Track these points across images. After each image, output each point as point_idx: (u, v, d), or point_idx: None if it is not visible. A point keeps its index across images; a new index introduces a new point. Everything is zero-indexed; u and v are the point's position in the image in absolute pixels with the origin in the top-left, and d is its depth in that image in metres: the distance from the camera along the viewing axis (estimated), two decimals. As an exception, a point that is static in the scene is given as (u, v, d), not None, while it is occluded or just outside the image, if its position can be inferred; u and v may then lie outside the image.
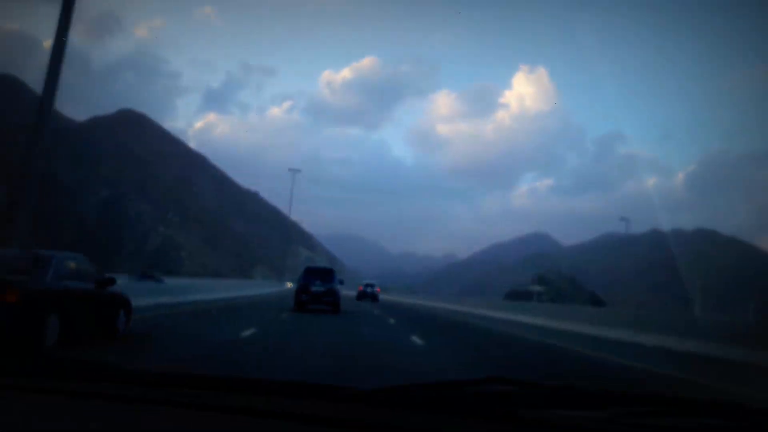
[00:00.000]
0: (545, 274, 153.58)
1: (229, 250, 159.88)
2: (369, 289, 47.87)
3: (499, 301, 54.61)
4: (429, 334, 16.40)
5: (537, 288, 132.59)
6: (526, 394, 1.50)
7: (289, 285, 63.17)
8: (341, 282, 25.23)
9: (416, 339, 14.13)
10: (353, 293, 49.06)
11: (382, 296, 52.48)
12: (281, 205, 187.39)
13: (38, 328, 8.11)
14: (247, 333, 12.75)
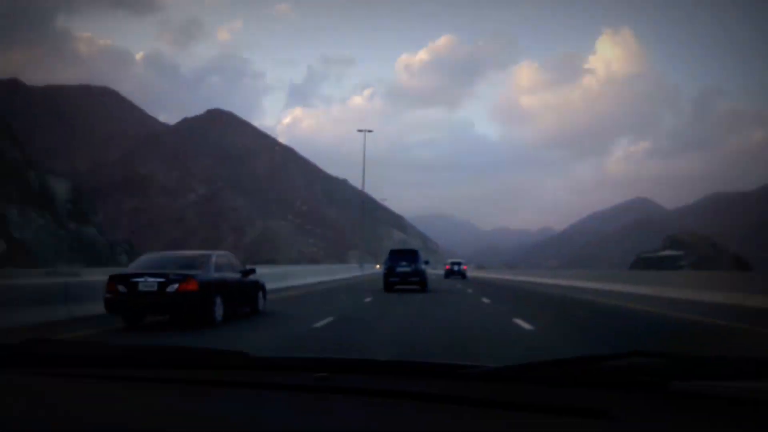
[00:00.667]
0: (678, 236, 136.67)
1: (324, 236, 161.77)
2: (456, 267, 49.35)
3: (620, 272, 48.95)
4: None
5: (670, 253, 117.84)
6: (676, 365, 1.38)
7: (378, 267, 64.27)
8: (426, 262, 25.54)
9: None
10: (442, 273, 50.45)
11: (477, 274, 53.81)
12: (371, 191, 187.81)
13: (210, 308, 10.77)
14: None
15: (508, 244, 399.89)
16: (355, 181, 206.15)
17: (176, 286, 10.35)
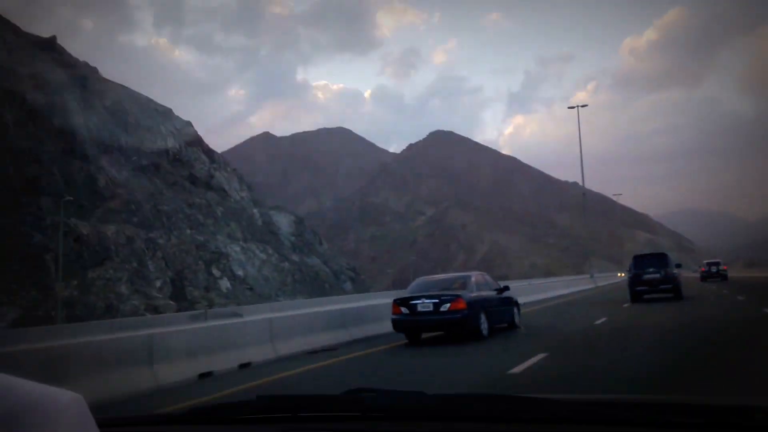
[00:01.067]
0: None
1: (557, 246, 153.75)
2: (714, 268, 44.62)
3: None
4: None
5: None
6: None
7: (621, 275, 58.75)
8: (678, 266, 23.18)
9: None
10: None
11: (744, 274, 47.65)
12: (605, 191, 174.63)
13: (477, 323, 11.92)
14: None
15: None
16: (588, 183, 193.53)
17: (448, 305, 11.80)
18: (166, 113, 46.31)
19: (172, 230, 33.29)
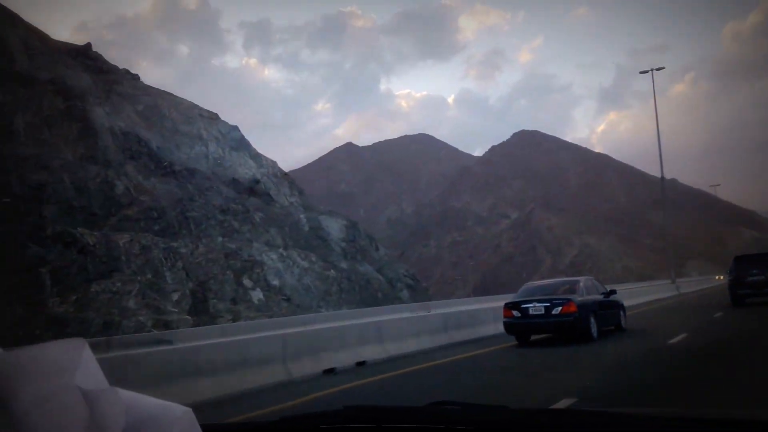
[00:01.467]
0: None
1: (652, 247, 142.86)
2: None
3: None
4: None
5: None
6: None
7: (720, 278, 55.49)
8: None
9: None
10: None
11: None
12: (703, 186, 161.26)
13: (587, 326, 13.00)
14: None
15: None
16: (687, 178, 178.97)
17: (560, 308, 12.44)
18: (212, 118, 44.60)
19: (201, 238, 30.95)
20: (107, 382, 0.76)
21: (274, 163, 46.11)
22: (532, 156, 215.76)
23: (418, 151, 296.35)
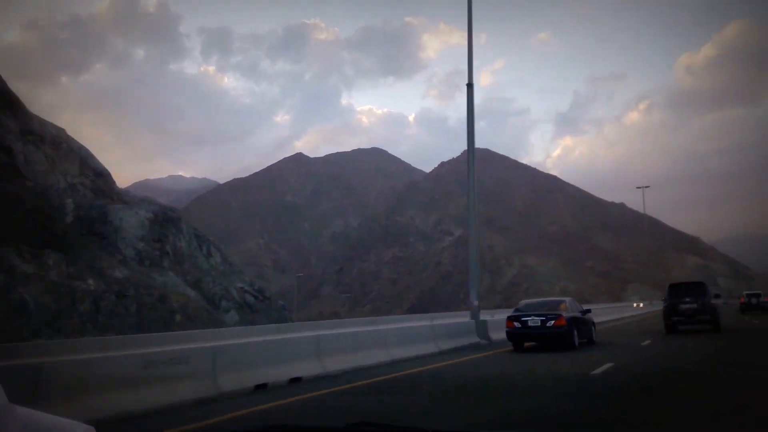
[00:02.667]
0: None
1: (594, 270, 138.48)
2: (753, 300, 42.26)
3: None
4: None
5: None
6: None
7: (638, 305, 54.66)
8: (717, 296, 23.14)
9: None
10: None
11: None
12: (657, 214, 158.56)
13: (572, 337, 16.14)
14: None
15: None
16: (635, 204, 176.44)
17: (553, 322, 15.91)
18: None
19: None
20: (5, 398, 0.70)
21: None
22: (481, 174, 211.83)
23: (370, 165, 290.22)
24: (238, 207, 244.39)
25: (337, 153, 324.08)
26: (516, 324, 15.86)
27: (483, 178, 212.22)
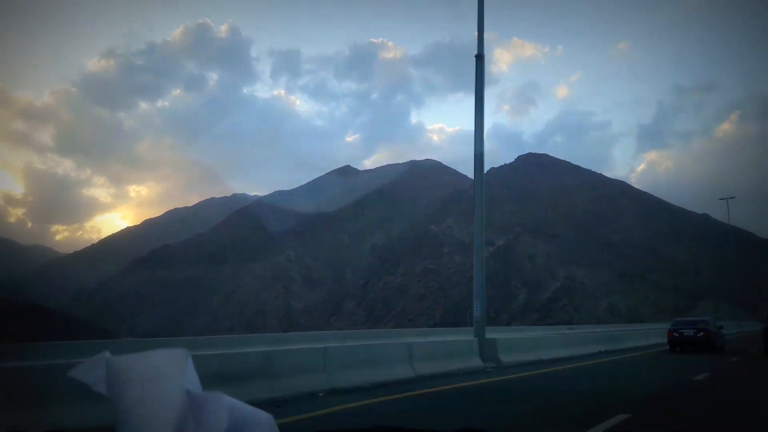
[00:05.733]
0: None
1: (660, 283, 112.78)
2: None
3: None
4: None
5: None
6: None
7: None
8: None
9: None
10: None
11: None
12: (745, 225, 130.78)
13: (714, 343, 24.05)
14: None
15: None
16: (720, 214, 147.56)
17: (702, 333, 23.26)
18: None
19: None
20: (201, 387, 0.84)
21: None
22: (536, 179, 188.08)
23: (421, 177, 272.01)
24: (276, 220, 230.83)
25: (388, 165, 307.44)
26: (675, 334, 23.78)
27: (539, 184, 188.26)
